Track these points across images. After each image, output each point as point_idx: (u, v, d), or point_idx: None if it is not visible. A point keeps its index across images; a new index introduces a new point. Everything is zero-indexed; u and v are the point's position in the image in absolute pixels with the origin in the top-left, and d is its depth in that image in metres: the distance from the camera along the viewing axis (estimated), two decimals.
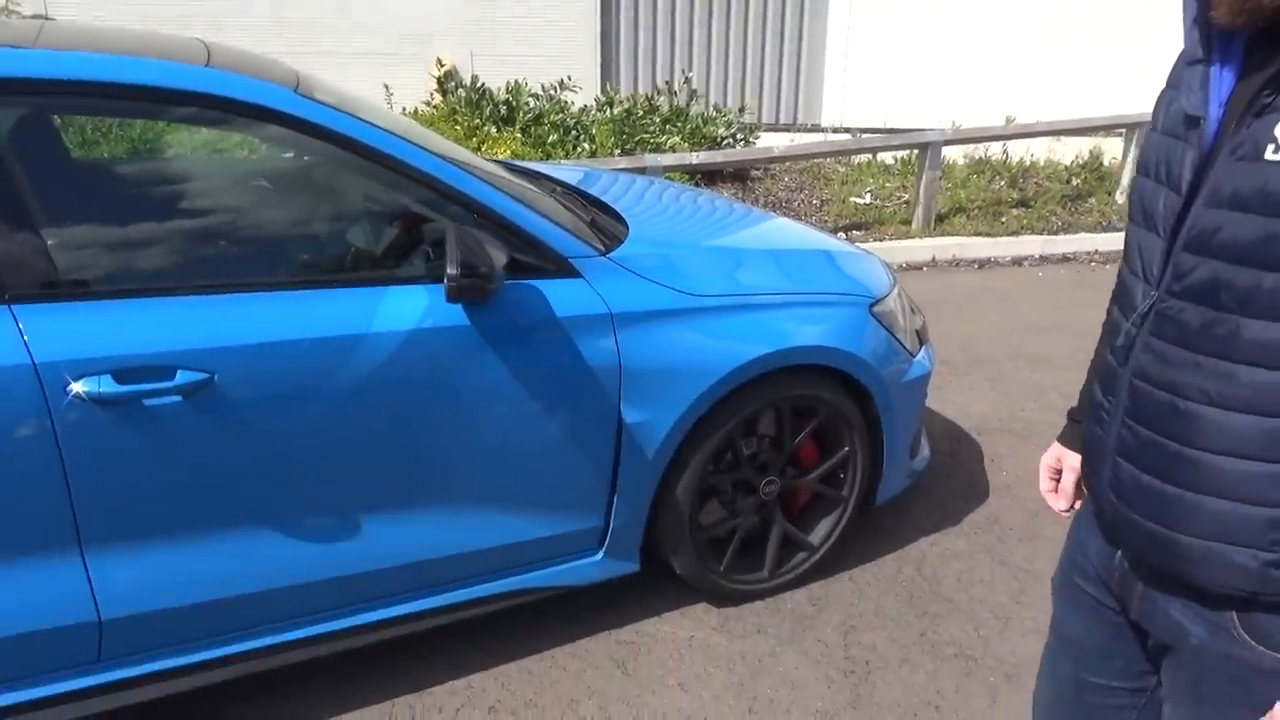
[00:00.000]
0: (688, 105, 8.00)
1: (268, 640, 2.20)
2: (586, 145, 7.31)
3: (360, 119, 2.14)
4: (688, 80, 8.71)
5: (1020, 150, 8.58)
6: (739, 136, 7.71)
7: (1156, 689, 1.31)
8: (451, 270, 2.00)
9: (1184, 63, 1.12)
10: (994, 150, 8.53)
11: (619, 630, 2.65)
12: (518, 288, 2.23)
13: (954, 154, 8.38)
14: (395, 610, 2.32)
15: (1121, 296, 1.21)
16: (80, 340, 1.83)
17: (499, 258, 2.11)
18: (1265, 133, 0.97)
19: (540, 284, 2.27)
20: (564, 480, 2.40)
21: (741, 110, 8.31)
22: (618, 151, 7.22)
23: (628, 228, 2.67)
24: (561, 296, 2.29)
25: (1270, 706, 1.09)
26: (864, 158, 8.34)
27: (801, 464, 2.80)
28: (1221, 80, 1.05)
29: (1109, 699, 1.36)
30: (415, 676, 2.44)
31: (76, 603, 1.95)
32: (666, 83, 8.49)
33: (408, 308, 2.13)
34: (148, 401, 1.88)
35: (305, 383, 2.02)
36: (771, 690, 2.43)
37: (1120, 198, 7.66)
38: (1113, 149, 8.56)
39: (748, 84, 9.88)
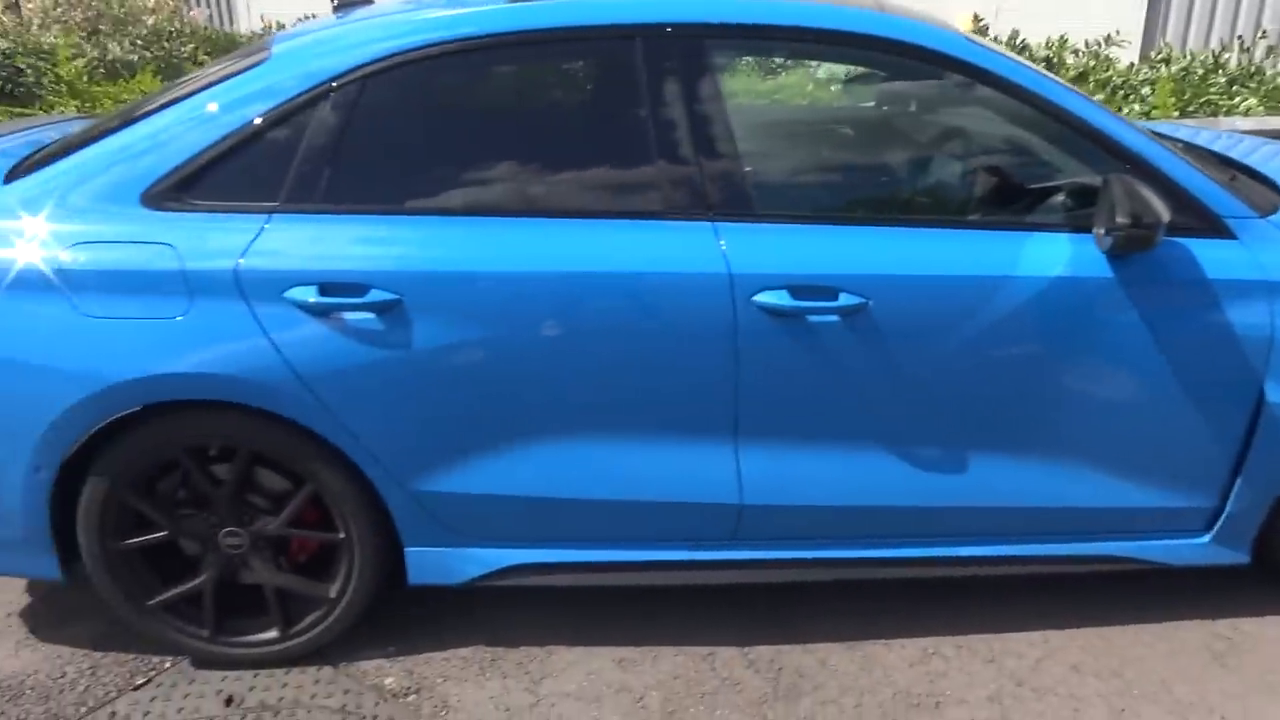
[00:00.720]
0: (1264, 62, 6.94)
1: (859, 553, 2.36)
2: (1137, 107, 6.67)
3: (1020, 64, 2.16)
4: (1264, 34, 7.53)
5: None
6: None
7: None
8: (1121, 219, 1.95)
9: None
10: None
11: (1215, 623, 2.45)
12: (1166, 244, 2.11)
13: None
14: (982, 550, 2.37)
15: None
16: (765, 257, 2.09)
17: (1165, 210, 2.01)
18: None
19: (1190, 242, 2.13)
20: (1183, 452, 2.26)
21: None
22: (1176, 114, 6.49)
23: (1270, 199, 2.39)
24: (1214, 258, 2.13)
25: None
26: None
27: None
28: None
29: None
30: (983, 618, 2.48)
31: (725, 486, 2.25)
32: (1239, 37, 7.42)
33: (1051, 255, 2.12)
34: (811, 318, 2.09)
35: (948, 318, 2.11)
36: None
37: None
38: None
39: None
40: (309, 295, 2.05)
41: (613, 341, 2.11)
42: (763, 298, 2.07)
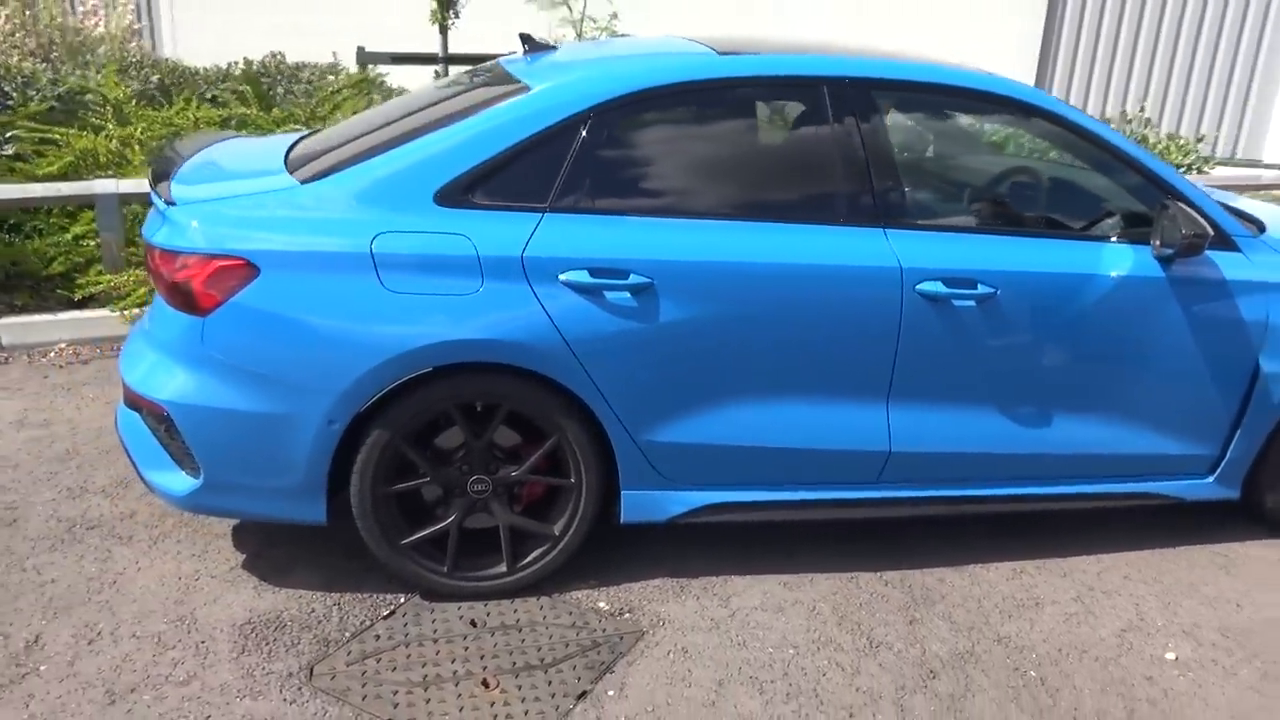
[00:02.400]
0: (1145, 131, 8.23)
1: (969, 491, 3.01)
2: None
3: (1091, 119, 2.93)
4: (1142, 109, 8.93)
5: None
6: (1196, 169, 7.86)
7: None
8: (1186, 231, 2.72)
9: None
10: None
11: (1214, 545, 3.23)
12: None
13: None
14: (1058, 489, 3.06)
15: None
16: (925, 255, 2.74)
17: (1209, 227, 2.79)
18: None
19: (1211, 253, 2.93)
20: (1202, 410, 3.04)
21: (1199, 140, 8.42)
22: None
23: (1257, 222, 3.24)
24: (1226, 264, 2.94)
25: None
26: None
27: None
28: None
29: None
30: (1049, 545, 3.17)
31: (877, 436, 2.86)
32: (1121, 112, 8.78)
33: (1120, 259, 2.87)
34: (956, 302, 2.76)
35: (1051, 304, 2.83)
36: None
37: None
38: None
39: (1186, 116, 9.86)
40: (582, 277, 2.56)
41: (807, 317, 2.71)
42: (924, 286, 2.72)
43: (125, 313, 4.64)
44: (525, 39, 3.27)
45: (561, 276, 2.57)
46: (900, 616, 2.80)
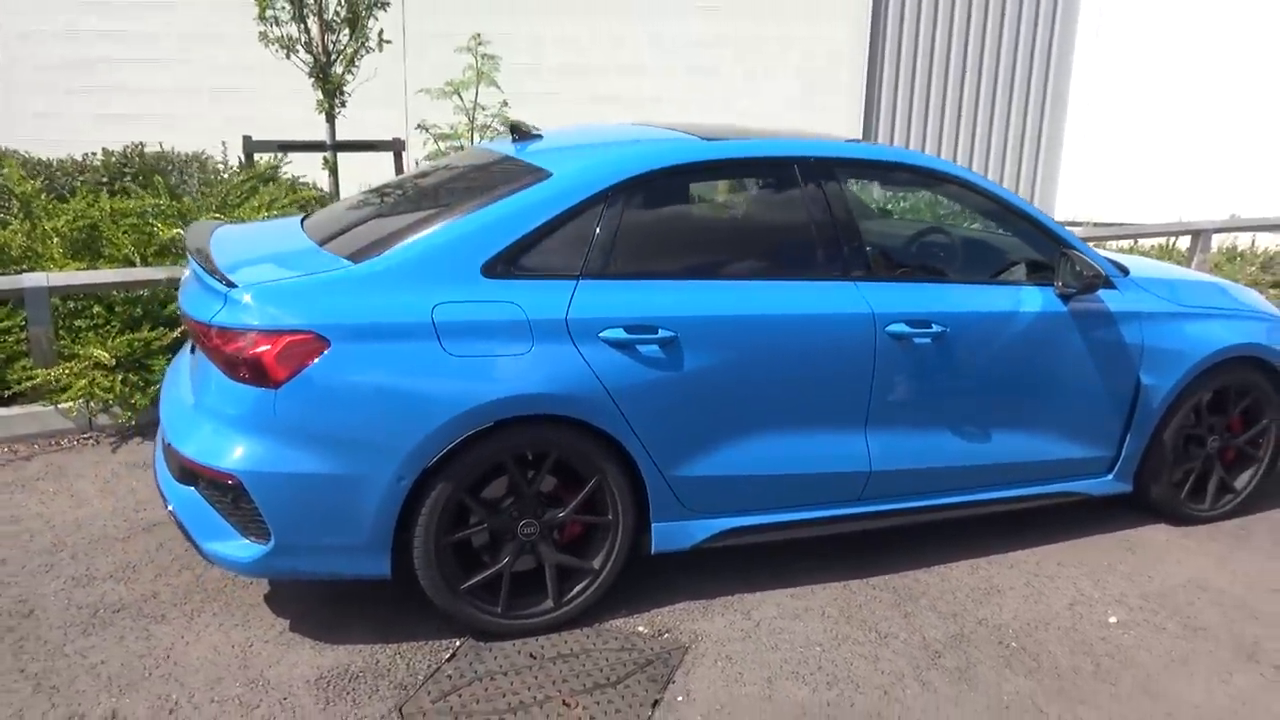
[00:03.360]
0: None
1: (929, 501, 3.52)
2: None
3: (997, 187, 3.58)
4: None
5: (1244, 241, 9.58)
6: None
7: None
8: (1087, 273, 3.38)
9: None
10: (1238, 241, 9.55)
11: (1117, 533, 3.89)
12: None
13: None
14: (997, 494, 3.62)
15: None
16: (890, 302, 3.27)
17: (1101, 270, 3.47)
18: None
19: (1100, 292, 3.61)
20: (1099, 419, 3.69)
21: None
22: None
23: (1122, 266, 3.98)
24: (1110, 299, 3.63)
25: None
26: (1125, 243, 9.48)
27: (1233, 429, 4.00)
28: None
29: None
30: (988, 544, 3.72)
31: (859, 458, 3.34)
32: None
33: (1031, 299, 3.50)
34: (916, 340, 3.29)
35: (984, 338, 3.41)
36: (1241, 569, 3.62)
37: None
38: None
39: (990, 175, 11.23)
40: (619, 334, 2.93)
41: (801, 358, 3.17)
42: (892, 327, 3.24)
43: (72, 406, 4.55)
44: (514, 128, 3.63)
45: (601, 334, 2.92)
46: (895, 612, 3.25)
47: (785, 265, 3.27)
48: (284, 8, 6.96)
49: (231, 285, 2.77)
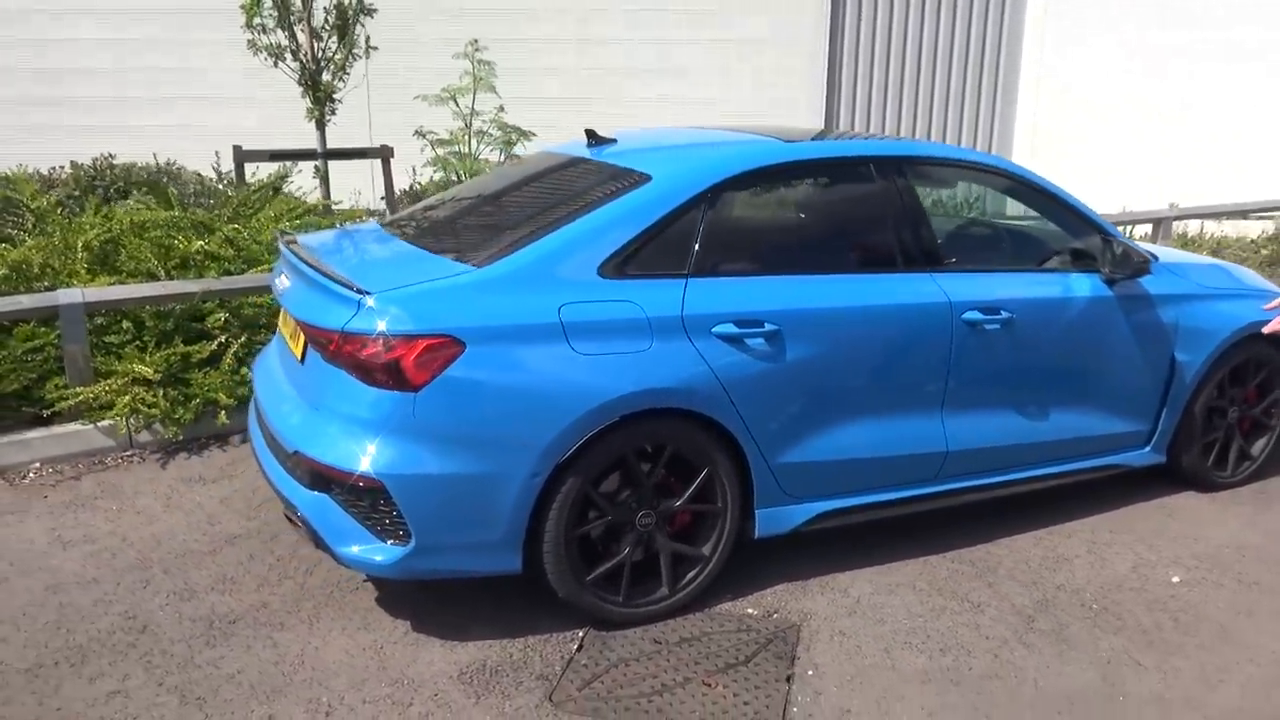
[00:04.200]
0: None
1: (996, 479, 3.73)
2: None
3: (1050, 183, 3.82)
4: None
5: (1194, 228, 10.15)
6: None
7: None
8: (1136, 259, 3.63)
9: None
10: (1187, 228, 10.11)
11: (1155, 500, 4.16)
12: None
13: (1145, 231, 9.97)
14: (1059, 468, 3.86)
15: None
16: (966, 292, 3.47)
17: (1147, 254, 3.73)
18: None
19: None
20: (1140, 395, 3.96)
21: None
22: None
23: (1149, 253, 4.25)
24: (1146, 282, 3.90)
25: None
26: None
27: (1249, 400, 4.32)
28: None
29: None
30: (1046, 516, 3.96)
31: (937, 439, 3.53)
32: None
33: (1082, 285, 3.74)
34: (987, 326, 3.50)
35: (1046, 322, 3.64)
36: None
37: None
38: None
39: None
40: (729, 328, 3.06)
41: (888, 346, 3.35)
42: (967, 315, 3.45)
43: (119, 423, 4.49)
44: (590, 134, 3.73)
45: (714, 329, 3.05)
46: (979, 583, 3.45)
47: (869, 259, 3.45)
48: (271, 15, 6.90)
49: (363, 292, 2.82)
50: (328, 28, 7.08)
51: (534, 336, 2.86)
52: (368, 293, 2.82)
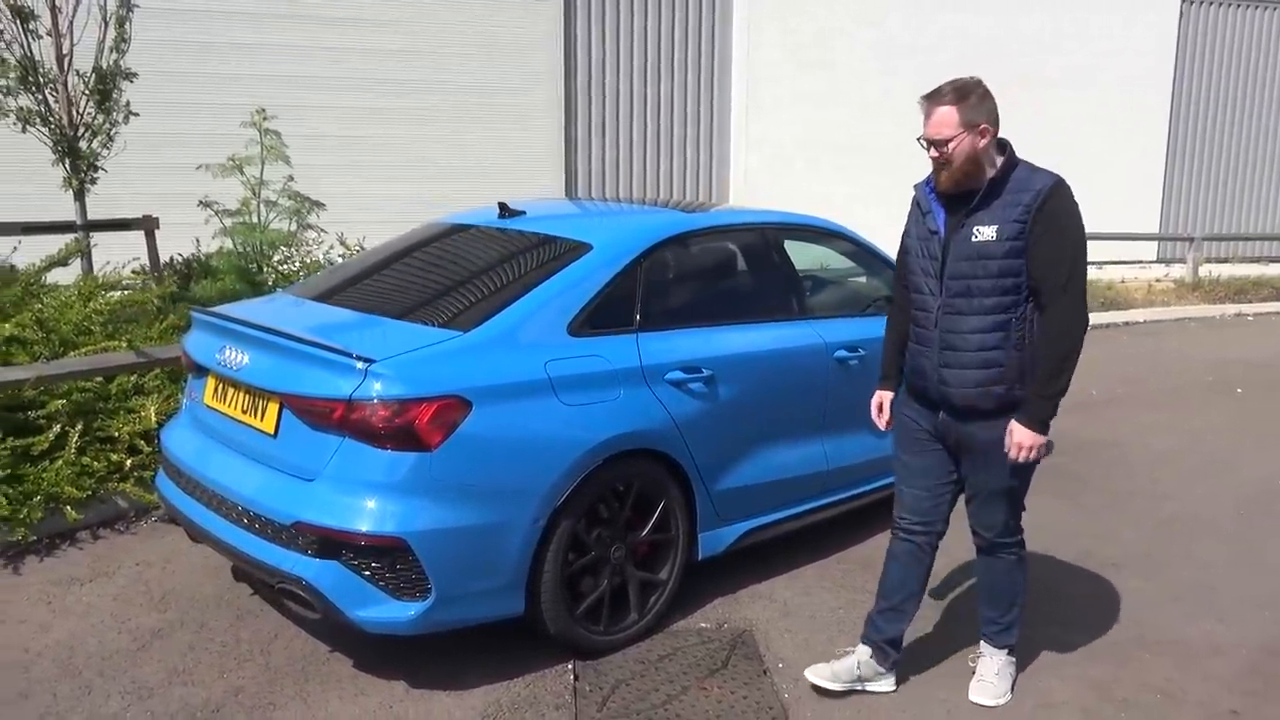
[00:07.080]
0: None
1: (871, 486, 4.42)
2: None
3: (870, 243, 4.66)
4: None
5: None
6: None
7: (956, 475, 3.12)
8: None
9: (919, 211, 2.97)
10: None
11: None
12: None
13: None
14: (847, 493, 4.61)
15: (919, 305, 3.05)
16: (832, 334, 4.16)
17: None
18: (968, 231, 2.86)
19: None
20: None
21: None
22: None
23: None
24: None
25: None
26: None
27: None
28: (939, 214, 3.08)
29: (941, 487, 3.18)
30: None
31: (820, 459, 4.16)
32: None
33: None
34: (850, 361, 4.21)
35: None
36: None
37: None
38: None
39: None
40: (678, 375, 3.51)
41: (788, 382, 3.96)
42: (837, 354, 4.14)
43: None
44: (502, 206, 4.03)
45: (666, 376, 3.47)
46: (869, 575, 4.07)
47: (769, 309, 4.05)
48: (13, 77, 6.38)
49: (366, 360, 2.94)
50: (86, 92, 6.63)
51: (528, 392, 3.13)
52: (371, 360, 2.94)
